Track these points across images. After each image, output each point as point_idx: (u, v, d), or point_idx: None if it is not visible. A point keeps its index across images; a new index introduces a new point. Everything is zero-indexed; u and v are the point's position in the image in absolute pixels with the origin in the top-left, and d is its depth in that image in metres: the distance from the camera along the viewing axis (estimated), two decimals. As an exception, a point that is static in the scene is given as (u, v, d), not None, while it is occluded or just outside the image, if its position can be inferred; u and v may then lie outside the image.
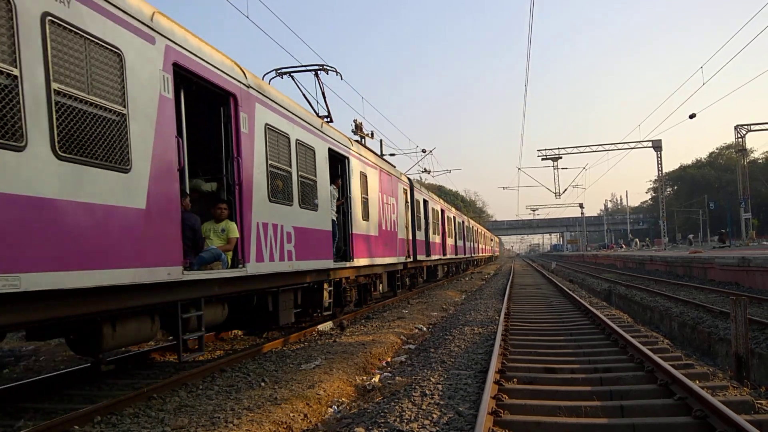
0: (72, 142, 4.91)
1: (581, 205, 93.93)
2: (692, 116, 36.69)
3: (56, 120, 4.75)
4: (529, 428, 4.87)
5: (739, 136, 50.05)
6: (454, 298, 19.79)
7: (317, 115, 12.11)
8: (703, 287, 19.71)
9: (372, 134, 25.76)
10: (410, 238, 18.71)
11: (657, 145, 51.66)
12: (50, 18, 4.75)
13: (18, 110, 4.42)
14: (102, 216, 5.20)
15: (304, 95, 13.83)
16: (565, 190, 56.76)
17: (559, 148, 53.47)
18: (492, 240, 77.77)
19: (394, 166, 18.64)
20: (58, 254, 4.70)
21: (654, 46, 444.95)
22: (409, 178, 20.08)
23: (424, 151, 38.04)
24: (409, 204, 19.07)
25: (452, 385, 6.47)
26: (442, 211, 27.63)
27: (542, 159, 53.59)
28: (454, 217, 32.91)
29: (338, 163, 12.30)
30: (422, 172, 40.37)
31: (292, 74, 12.97)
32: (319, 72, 13.06)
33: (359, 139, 24.05)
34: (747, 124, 49.96)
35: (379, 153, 31.45)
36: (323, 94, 13.28)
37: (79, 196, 4.95)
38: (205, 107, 7.90)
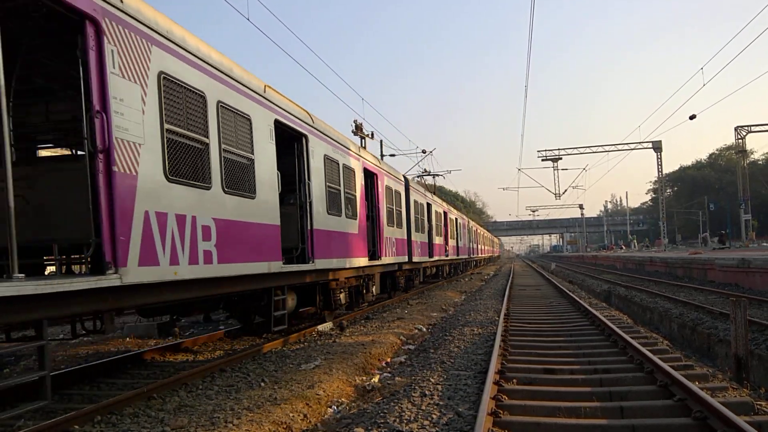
0: (230, 181, 7.33)
1: (581, 206, 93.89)
2: (692, 117, 36.69)
3: (223, 169, 7.20)
4: (529, 429, 4.87)
5: (739, 137, 50.10)
6: (453, 299, 19.79)
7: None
8: (702, 288, 19.71)
9: (372, 135, 25.81)
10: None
11: (657, 146, 51.65)
12: (221, 103, 7.26)
13: (208, 165, 6.90)
14: (254, 228, 7.98)
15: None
16: (565, 190, 56.62)
17: (559, 149, 53.47)
18: (492, 241, 77.79)
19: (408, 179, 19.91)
20: (236, 252, 7.40)
21: (654, 47, 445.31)
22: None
23: (424, 151, 38.06)
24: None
25: (452, 385, 6.47)
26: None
27: (542, 160, 53.56)
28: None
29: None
30: (423, 173, 40.34)
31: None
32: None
33: (360, 139, 24.08)
34: (747, 126, 50.06)
35: (379, 154, 31.47)
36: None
37: (237, 215, 7.51)
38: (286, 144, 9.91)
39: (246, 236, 7.78)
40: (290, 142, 9.97)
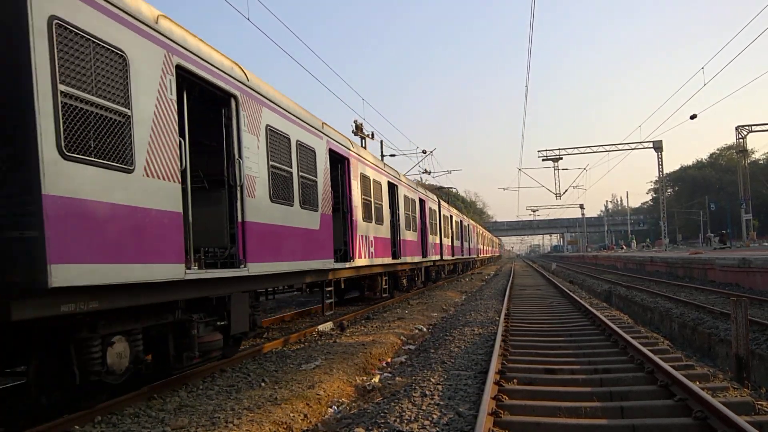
0: (304, 200, 9.63)
1: (582, 206, 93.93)
2: (693, 117, 36.71)
3: (300, 190, 9.51)
4: (529, 429, 4.87)
5: (740, 136, 50.05)
6: (454, 299, 19.79)
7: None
8: (703, 288, 19.70)
9: (372, 135, 25.83)
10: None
11: (658, 146, 51.63)
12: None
13: (291, 188, 9.05)
14: (311, 233, 9.95)
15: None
16: (566, 190, 56.80)
17: (559, 149, 53.48)
18: (492, 241, 77.85)
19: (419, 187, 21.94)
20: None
21: (655, 47, 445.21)
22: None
23: (424, 152, 38.07)
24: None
25: (452, 385, 6.47)
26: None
27: (543, 160, 53.58)
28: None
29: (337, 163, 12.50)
30: (423, 173, 40.35)
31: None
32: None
33: (360, 139, 24.09)
34: (748, 125, 49.98)
35: (380, 154, 31.47)
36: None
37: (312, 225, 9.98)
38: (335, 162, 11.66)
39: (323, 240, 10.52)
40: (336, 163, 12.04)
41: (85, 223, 4.82)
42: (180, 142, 6.33)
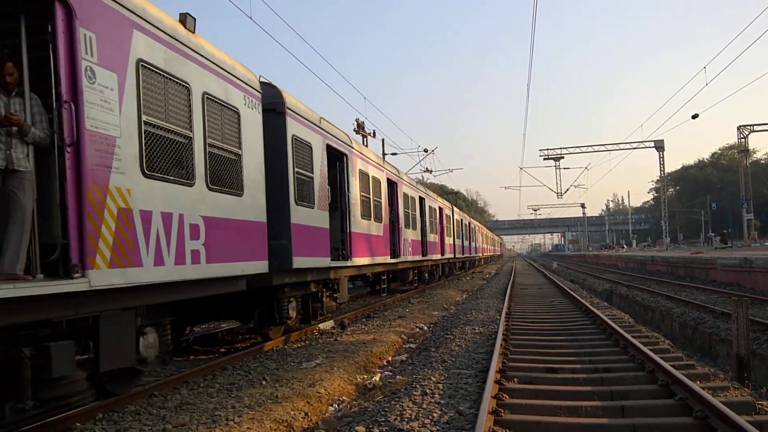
0: (365, 213, 13.18)
1: (583, 205, 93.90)
2: (695, 116, 36.64)
3: (362, 206, 13.01)
4: (530, 428, 4.87)
5: (741, 136, 49.99)
6: (455, 298, 19.79)
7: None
8: (704, 288, 19.69)
9: (374, 133, 25.83)
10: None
11: (659, 145, 51.61)
12: (361, 170, 12.96)
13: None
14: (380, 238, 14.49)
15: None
16: (567, 190, 57.08)
17: (561, 148, 53.53)
18: (493, 240, 77.90)
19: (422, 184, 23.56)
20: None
21: (657, 46, 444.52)
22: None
23: (425, 150, 38.05)
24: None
25: (453, 384, 6.48)
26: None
27: (544, 159, 53.61)
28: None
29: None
30: (424, 171, 40.35)
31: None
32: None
33: (361, 137, 24.10)
34: (750, 125, 49.92)
35: (381, 152, 31.47)
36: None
37: (371, 231, 13.71)
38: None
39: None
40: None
41: (302, 236, 9.41)
42: (328, 188, 10.96)
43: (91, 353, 5.14)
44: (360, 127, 24.13)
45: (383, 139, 31.30)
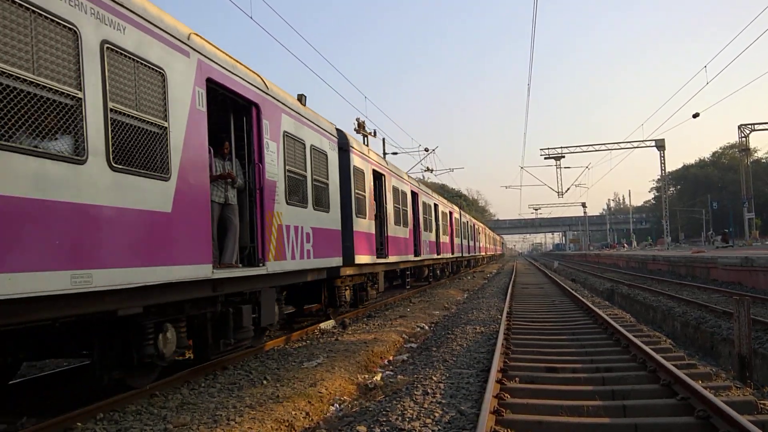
0: (397, 220, 16.63)
1: (584, 205, 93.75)
2: (696, 115, 36.58)
3: (394, 215, 16.30)
4: (531, 427, 4.86)
5: (742, 135, 49.93)
6: (456, 297, 19.78)
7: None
8: (706, 287, 19.68)
9: (375, 133, 25.79)
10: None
11: (660, 145, 51.46)
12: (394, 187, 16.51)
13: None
14: (407, 240, 17.90)
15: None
16: (568, 189, 57.00)
17: (561, 147, 53.31)
18: (494, 239, 77.91)
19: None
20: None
21: (658, 45, 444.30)
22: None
23: (426, 149, 38.02)
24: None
25: (454, 383, 6.47)
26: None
27: (545, 158, 53.44)
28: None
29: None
30: (425, 170, 40.31)
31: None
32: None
33: (362, 137, 24.07)
34: (750, 124, 49.82)
35: (381, 152, 31.45)
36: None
37: (400, 234, 16.90)
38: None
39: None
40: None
41: (359, 239, 12.39)
42: (374, 203, 14.01)
43: (256, 314, 7.98)
44: (361, 127, 24.08)
45: (384, 139, 31.31)
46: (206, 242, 6.48)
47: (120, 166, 5.15)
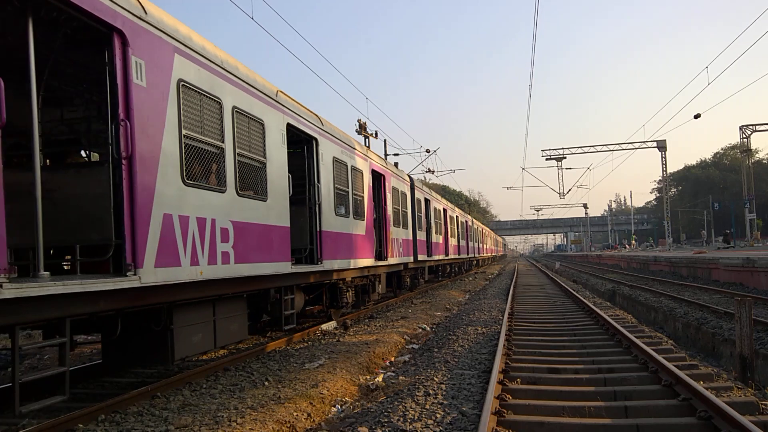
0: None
1: (585, 206, 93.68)
2: (697, 116, 36.54)
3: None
4: (533, 428, 4.86)
5: (744, 136, 49.92)
6: (457, 298, 19.78)
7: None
8: (707, 288, 19.65)
9: (376, 134, 25.81)
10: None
11: (661, 146, 51.49)
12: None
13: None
14: (409, 242, 18.31)
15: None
16: (569, 190, 56.82)
17: (563, 148, 53.35)
18: (496, 240, 77.93)
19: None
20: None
21: (659, 46, 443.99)
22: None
23: (428, 151, 38.03)
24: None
25: (456, 384, 6.46)
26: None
27: (546, 159, 53.46)
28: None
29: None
30: (426, 172, 40.31)
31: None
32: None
33: (364, 138, 24.09)
34: (752, 125, 49.84)
35: (383, 153, 31.47)
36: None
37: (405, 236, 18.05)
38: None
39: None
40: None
41: (394, 245, 15.88)
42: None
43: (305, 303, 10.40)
44: (362, 128, 24.10)
45: (385, 140, 31.29)
46: (286, 245, 8.62)
47: (242, 192, 7.22)
